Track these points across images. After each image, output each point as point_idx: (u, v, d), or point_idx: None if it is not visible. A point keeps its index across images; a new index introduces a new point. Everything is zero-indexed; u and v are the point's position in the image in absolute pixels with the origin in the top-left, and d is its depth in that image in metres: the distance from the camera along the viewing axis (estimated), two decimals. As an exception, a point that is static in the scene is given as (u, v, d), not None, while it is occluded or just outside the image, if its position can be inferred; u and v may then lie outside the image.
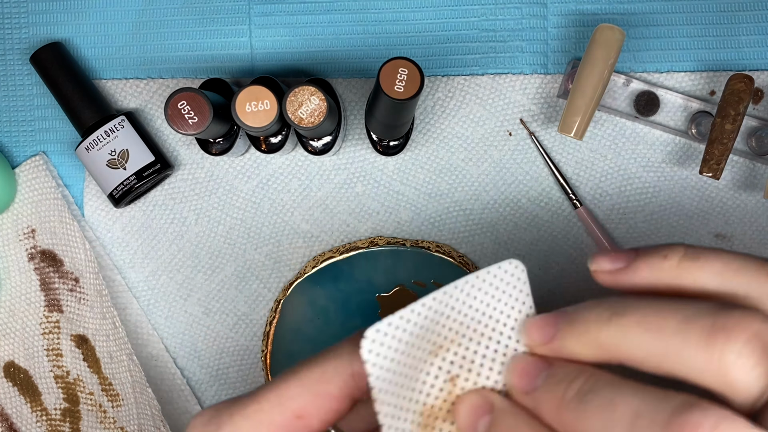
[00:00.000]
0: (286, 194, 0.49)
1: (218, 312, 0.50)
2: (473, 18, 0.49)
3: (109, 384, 0.49)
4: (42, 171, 0.49)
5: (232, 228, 0.50)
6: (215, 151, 0.46)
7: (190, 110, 0.41)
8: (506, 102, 0.49)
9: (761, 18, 0.49)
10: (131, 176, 0.46)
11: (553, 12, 0.49)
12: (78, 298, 0.48)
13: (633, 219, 0.49)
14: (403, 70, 0.37)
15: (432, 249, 0.48)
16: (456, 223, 0.49)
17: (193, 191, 0.50)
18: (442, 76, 0.49)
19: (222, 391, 0.50)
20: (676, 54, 0.49)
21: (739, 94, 0.43)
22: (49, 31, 0.50)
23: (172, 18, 0.49)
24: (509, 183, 0.49)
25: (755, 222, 0.49)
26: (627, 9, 0.49)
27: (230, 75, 0.49)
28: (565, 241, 0.49)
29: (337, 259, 0.48)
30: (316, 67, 0.49)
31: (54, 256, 0.49)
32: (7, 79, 0.50)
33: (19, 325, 0.49)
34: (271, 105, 0.41)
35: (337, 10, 0.49)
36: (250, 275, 0.50)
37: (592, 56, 0.43)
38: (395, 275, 0.49)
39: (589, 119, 0.44)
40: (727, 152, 0.43)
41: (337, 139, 0.46)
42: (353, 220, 0.49)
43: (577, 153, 0.49)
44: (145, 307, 0.50)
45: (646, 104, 0.47)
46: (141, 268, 0.50)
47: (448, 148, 0.49)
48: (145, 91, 0.49)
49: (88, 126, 0.47)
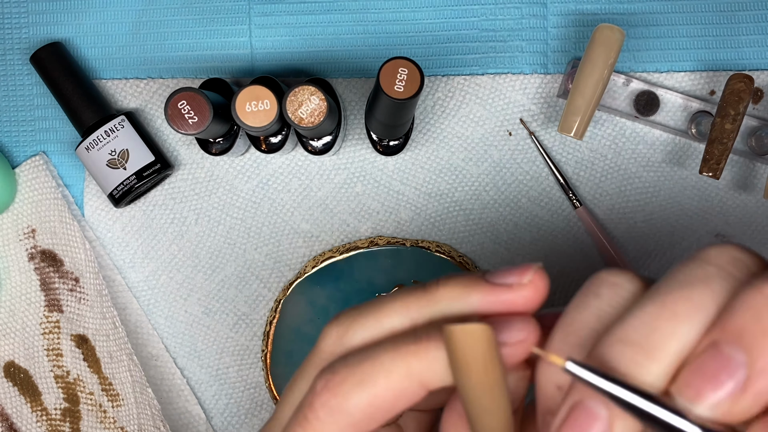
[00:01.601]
0: (286, 194, 0.49)
1: (218, 312, 0.50)
2: (473, 18, 0.49)
3: (109, 384, 0.49)
4: (42, 171, 0.49)
5: (232, 228, 0.50)
6: (215, 150, 0.46)
7: (190, 110, 0.41)
8: (506, 102, 0.49)
9: (761, 18, 0.49)
10: (131, 176, 0.46)
11: (553, 12, 0.49)
12: (78, 298, 0.48)
13: (633, 219, 0.49)
14: (403, 70, 0.37)
15: (432, 249, 0.48)
16: (456, 223, 0.49)
17: (193, 191, 0.50)
18: (442, 76, 0.49)
19: (222, 391, 0.50)
20: (676, 54, 0.49)
21: (739, 94, 0.43)
22: (49, 31, 0.50)
23: (172, 18, 0.49)
24: (509, 183, 0.49)
25: (755, 222, 0.49)
26: (627, 9, 0.49)
27: (230, 75, 0.49)
28: (565, 241, 0.49)
29: (337, 259, 0.48)
30: (316, 67, 0.49)
31: (54, 256, 0.49)
32: (7, 78, 0.50)
33: (19, 324, 0.49)
34: (271, 105, 0.41)
35: (337, 10, 0.49)
36: (250, 275, 0.50)
37: (592, 56, 0.43)
38: (395, 275, 0.49)
39: (589, 119, 0.44)
40: (727, 152, 0.43)
41: (337, 139, 0.46)
42: (353, 220, 0.49)
43: (577, 153, 0.49)
44: (145, 307, 0.50)
45: (646, 104, 0.47)
46: (141, 267, 0.50)
47: (448, 147, 0.49)
48: (145, 91, 0.49)
49: (88, 126, 0.47)
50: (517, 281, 0.23)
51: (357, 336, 0.24)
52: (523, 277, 0.23)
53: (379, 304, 0.24)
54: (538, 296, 0.23)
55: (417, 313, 0.24)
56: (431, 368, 0.23)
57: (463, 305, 0.23)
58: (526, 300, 0.23)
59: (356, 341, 0.24)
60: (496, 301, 0.23)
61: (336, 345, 0.24)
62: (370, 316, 0.24)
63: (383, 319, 0.24)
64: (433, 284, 0.24)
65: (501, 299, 0.23)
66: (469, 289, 0.23)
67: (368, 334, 0.24)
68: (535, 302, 0.23)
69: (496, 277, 0.23)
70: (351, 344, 0.24)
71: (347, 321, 0.24)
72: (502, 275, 0.23)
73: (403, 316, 0.24)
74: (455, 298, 0.23)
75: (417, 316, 0.24)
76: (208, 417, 0.50)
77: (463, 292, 0.23)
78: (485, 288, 0.23)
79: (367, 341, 0.24)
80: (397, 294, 0.24)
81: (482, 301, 0.23)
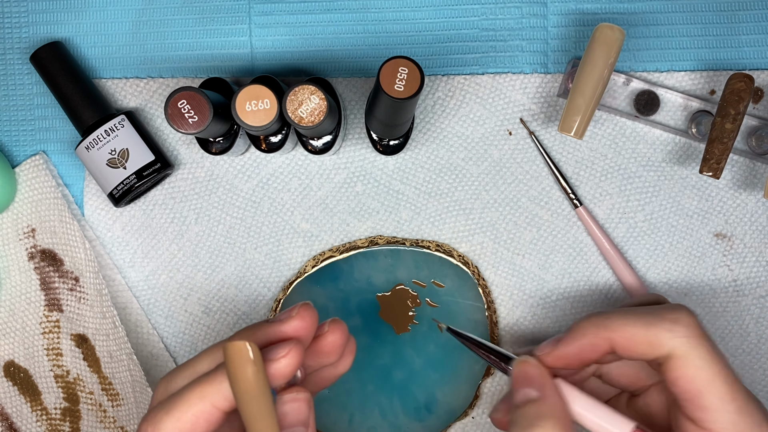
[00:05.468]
0: (286, 193, 0.49)
1: (218, 311, 0.50)
2: (473, 17, 0.49)
3: (109, 383, 0.49)
4: (42, 170, 0.49)
5: (232, 227, 0.50)
6: (215, 150, 0.46)
7: (190, 109, 0.41)
8: (506, 101, 0.49)
9: (761, 17, 0.49)
10: (131, 175, 0.46)
11: (553, 11, 0.49)
12: (78, 297, 0.48)
13: (633, 219, 0.49)
14: (403, 70, 0.37)
15: (432, 248, 0.48)
16: (456, 223, 0.49)
17: (193, 190, 0.50)
18: (442, 75, 0.49)
19: (222, 391, 0.50)
20: (676, 53, 0.49)
21: (739, 94, 0.43)
22: (49, 30, 0.50)
23: (172, 17, 0.49)
24: (509, 182, 0.49)
25: (755, 222, 0.49)
26: (627, 8, 0.49)
27: (230, 74, 0.49)
28: (565, 240, 0.49)
29: (337, 259, 0.48)
30: (316, 67, 0.49)
31: (54, 256, 0.49)
32: (7, 78, 0.50)
33: (19, 324, 0.49)
34: (271, 104, 0.41)
35: (337, 10, 0.49)
36: (250, 274, 0.50)
37: (592, 55, 0.43)
38: (395, 274, 0.49)
39: (589, 118, 0.44)
40: (728, 151, 0.43)
41: (337, 139, 0.46)
42: (353, 220, 0.49)
43: (577, 152, 0.49)
44: (145, 307, 0.50)
45: (646, 103, 0.47)
46: (141, 267, 0.50)
47: (448, 147, 0.49)
48: (145, 91, 0.49)
49: (88, 125, 0.47)
50: (287, 316, 0.33)
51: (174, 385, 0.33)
52: (291, 312, 0.33)
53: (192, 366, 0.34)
54: (305, 324, 0.32)
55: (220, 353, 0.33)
56: (219, 390, 0.30)
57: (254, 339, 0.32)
58: (295, 328, 0.32)
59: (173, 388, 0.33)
60: (274, 332, 0.32)
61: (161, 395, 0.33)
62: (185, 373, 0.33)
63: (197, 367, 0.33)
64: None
65: (276, 330, 0.32)
66: (254, 329, 0.33)
67: (186, 379, 0.33)
68: (303, 329, 0.32)
69: (278, 316, 0.33)
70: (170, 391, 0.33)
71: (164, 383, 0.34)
72: (281, 314, 0.33)
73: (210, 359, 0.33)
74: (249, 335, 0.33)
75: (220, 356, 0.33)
76: (208, 416, 0.50)
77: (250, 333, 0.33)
78: (266, 325, 0.33)
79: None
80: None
81: (265, 333, 0.32)
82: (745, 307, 0.49)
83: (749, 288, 0.49)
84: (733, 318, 0.49)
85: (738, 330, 0.49)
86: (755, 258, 0.49)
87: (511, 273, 0.49)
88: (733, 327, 0.49)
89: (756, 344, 0.49)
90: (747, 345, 0.49)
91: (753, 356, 0.49)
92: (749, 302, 0.49)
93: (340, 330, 0.35)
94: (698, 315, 0.49)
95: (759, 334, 0.49)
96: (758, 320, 0.49)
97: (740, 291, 0.49)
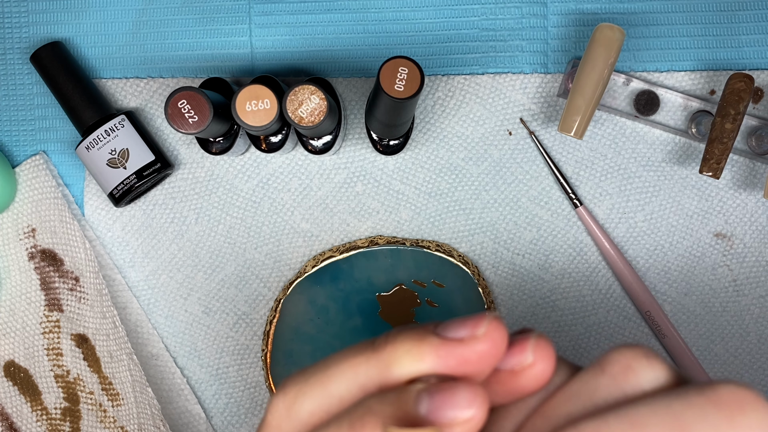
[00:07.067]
0: (286, 193, 0.49)
1: (218, 311, 0.50)
2: (473, 17, 0.49)
3: (109, 383, 0.49)
4: (42, 170, 0.49)
5: (232, 227, 0.50)
6: (215, 150, 0.46)
7: (190, 109, 0.41)
8: (506, 101, 0.49)
9: (761, 17, 0.49)
10: (131, 175, 0.46)
11: (553, 11, 0.49)
12: (78, 297, 0.48)
13: (633, 219, 0.49)
14: (403, 70, 0.37)
15: (432, 248, 0.48)
16: (456, 223, 0.49)
17: (194, 190, 0.50)
18: (442, 75, 0.49)
19: (222, 391, 0.50)
20: (676, 53, 0.49)
21: (739, 94, 0.43)
22: (49, 31, 0.50)
23: (172, 17, 0.49)
24: (509, 182, 0.49)
25: (755, 221, 0.49)
26: (627, 8, 0.49)
27: (230, 74, 0.49)
28: (565, 240, 0.49)
29: (337, 259, 0.48)
30: (316, 67, 0.49)
31: (54, 256, 0.49)
32: (7, 78, 0.50)
33: (20, 324, 0.49)
34: (271, 104, 0.41)
35: (338, 10, 0.49)
36: (250, 274, 0.50)
37: (592, 55, 0.43)
38: (395, 274, 0.49)
39: (589, 118, 0.44)
40: (727, 151, 0.43)
41: (337, 139, 0.46)
42: (353, 220, 0.49)
43: (577, 152, 0.49)
44: (145, 307, 0.50)
45: (646, 103, 0.47)
46: (141, 267, 0.50)
47: (448, 147, 0.49)
48: (145, 91, 0.49)
49: (88, 125, 0.47)
50: (470, 334, 0.21)
51: (305, 407, 0.23)
52: (477, 329, 0.21)
53: (325, 367, 0.23)
54: (495, 350, 0.21)
55: (365, 377, 0.22)
56: None
57: (414, 367, 0.21)
58: (480, 356, 0.21)
59: (304, 413, 0.23)
60: (448, 358, 0.21)
61: (284, 418, 0.24)
62: (316, 384, 0.23)
63: (330, 386, 0.23)
64: (381, 341, 0.22)
65: (453, 355, 0.21)
66: (419, 345, 0.21)
67: (316, 403, 0.23)
68: (491, 357, 0.21)
69: (448, 330, 0.21)
70: (299, 417, 0.23)
71: (293, 391, 0.24)
72: (454, 327, 0.21)
73: (351, 381, 0.23)
74: (405, 358, 0.22)
75: (365, 380, 0.22)
76: (208, 416, 0.50)
77: (412, 350, 0.21)
78: (436, 344, 0.21)
79: (315, 411, 0.23)
80: (346, 354, 0.23)
81: (434, 360, 0.21)
82: (745, 307, 0.49)
83: (749, 288, 0.49)
84: (733, 318, 0.49)
85: (738, 330, 0.49)
86: (755, 258, 0.49)
87: (511, 273, 0.49)
88: (733, 327, 0.49)
89: (756, 344, 0.49)
90: (747, 345, 0.49)
91: (753, 356, 0.49)
92: (749, 302, 0.49)
93: (548, 356, 0.23)
94: (698, 315, 0.49)
95: (759, 334, 0.49)
96: (758, 320, 0.49)
97: (740, 291, 0.49)
